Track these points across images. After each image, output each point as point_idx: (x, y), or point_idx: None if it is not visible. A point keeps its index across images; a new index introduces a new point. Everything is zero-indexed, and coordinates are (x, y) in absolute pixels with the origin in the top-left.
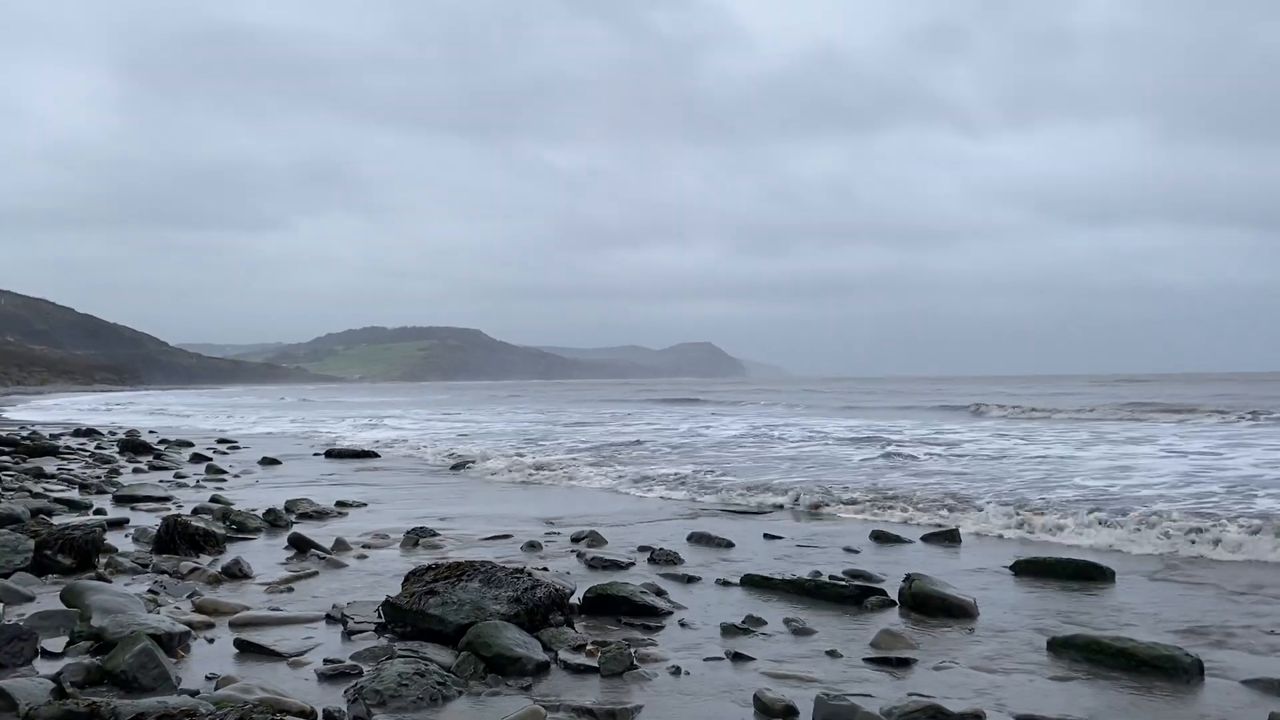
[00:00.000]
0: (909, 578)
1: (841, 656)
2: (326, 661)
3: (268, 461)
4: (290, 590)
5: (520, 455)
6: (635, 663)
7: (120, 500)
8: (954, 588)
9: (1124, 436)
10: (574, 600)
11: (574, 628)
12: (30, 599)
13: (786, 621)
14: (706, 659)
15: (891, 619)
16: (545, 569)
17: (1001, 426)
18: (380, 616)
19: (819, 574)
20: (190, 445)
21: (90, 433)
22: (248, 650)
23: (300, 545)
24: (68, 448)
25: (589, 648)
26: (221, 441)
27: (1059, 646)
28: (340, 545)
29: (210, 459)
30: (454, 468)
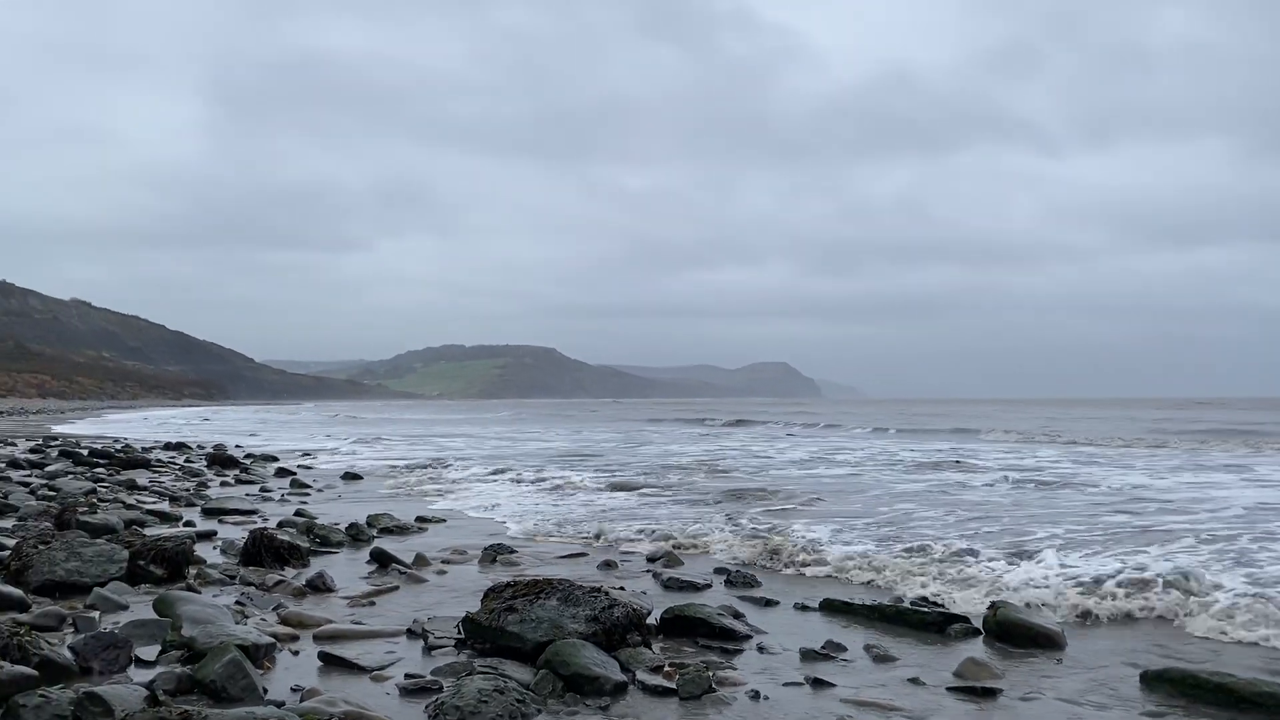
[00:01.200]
0: (993, 605)
1: (924, 685)
2: (408, 676)
3: (349, 476)
4: (372, 604)
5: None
6: (714, 686)
7: (208, 513)
8: (1041, 616)
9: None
10: (651, 621)
11: (651, 648)
12: (124, 608)
13: (867, 648)
14: (786, 684)
15: (975, 648)
16: (622, 589)
17: (1110, 455)
18: (460, 632)
19: (900, 599)
20: (275, 460)
21: (180, 446)
22: (331, 663)
23: (381, 560)
24: (158, 461)
25: (667, 669)
26: (305, 456)
27: (1152, 680)
28: (420, 560)
29: (294, 473)
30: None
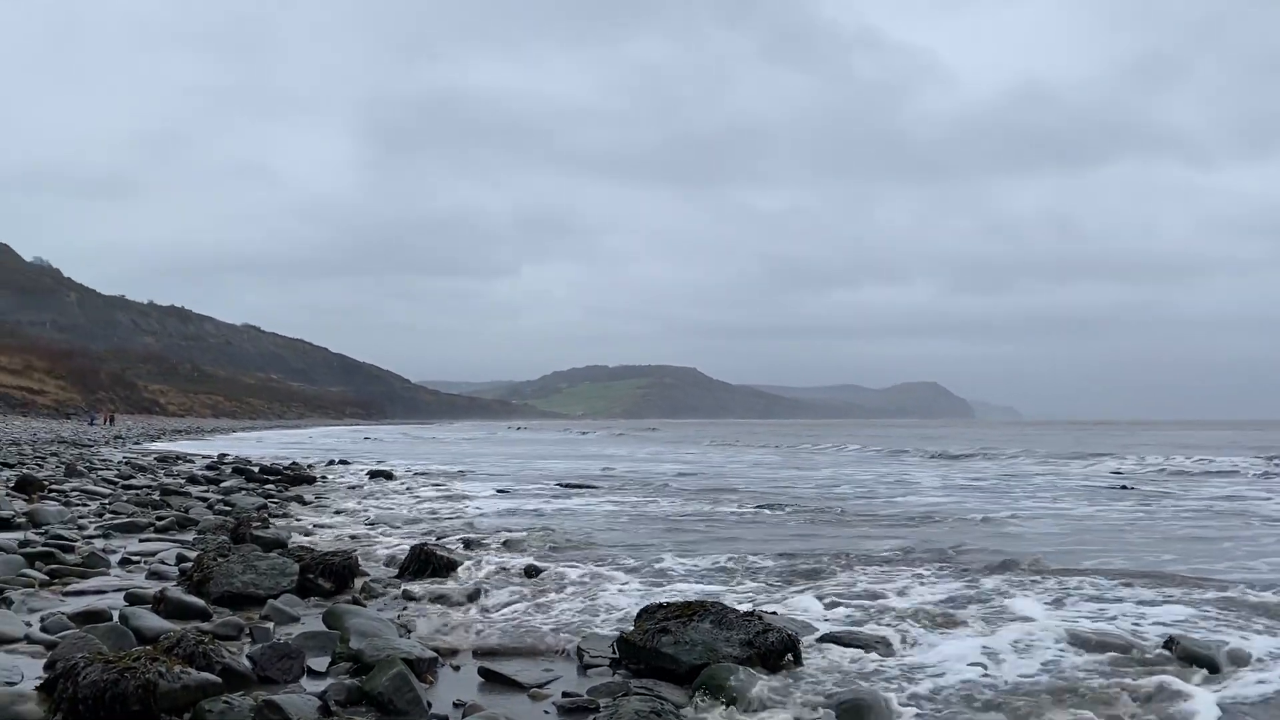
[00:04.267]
0: None
1: None
2: (565, 695)
3: (502, 491)
4: (530, 619)
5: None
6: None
7: (372, 525)
8: None
9: None
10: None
11: None
12: (296, 619)
13: None
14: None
15: None
16: (775, 613)
17: None
18: (614, 652)
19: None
20: (429, 475)
21: (343, 462)
22: (490, 679)
23: (535, 572)
24: (323, 477)
25: None
26: (461, 471)
27: None
28: (574, 575)
29: (449, 487)
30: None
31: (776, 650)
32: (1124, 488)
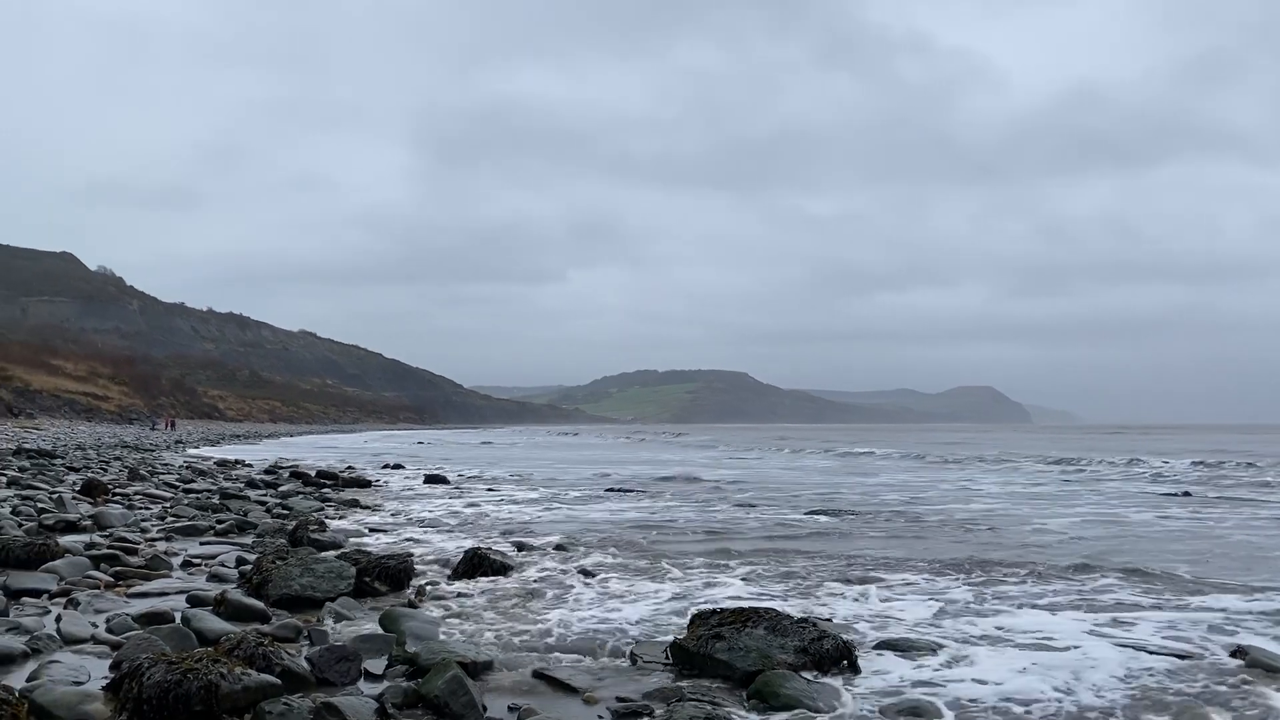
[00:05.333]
0: None
1: None
2: (619, 699)
3: (554, 495)
4: (583, 622)
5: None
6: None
7: (426, 528)
8: None
9: None
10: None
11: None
12: (353, 622)
13: None
14: None
15: None
16: (829, 619)
17: None
18: (667, 657)
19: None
20: (481, 478)
21: (397, 466)
22: (545, 681)
23: (588, 575)
24: (378, 481)
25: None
26: (513, 475)
27: None
28: (625, 579)
29: (501, 490)
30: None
31: (831, 657)
32: (1184, 494)
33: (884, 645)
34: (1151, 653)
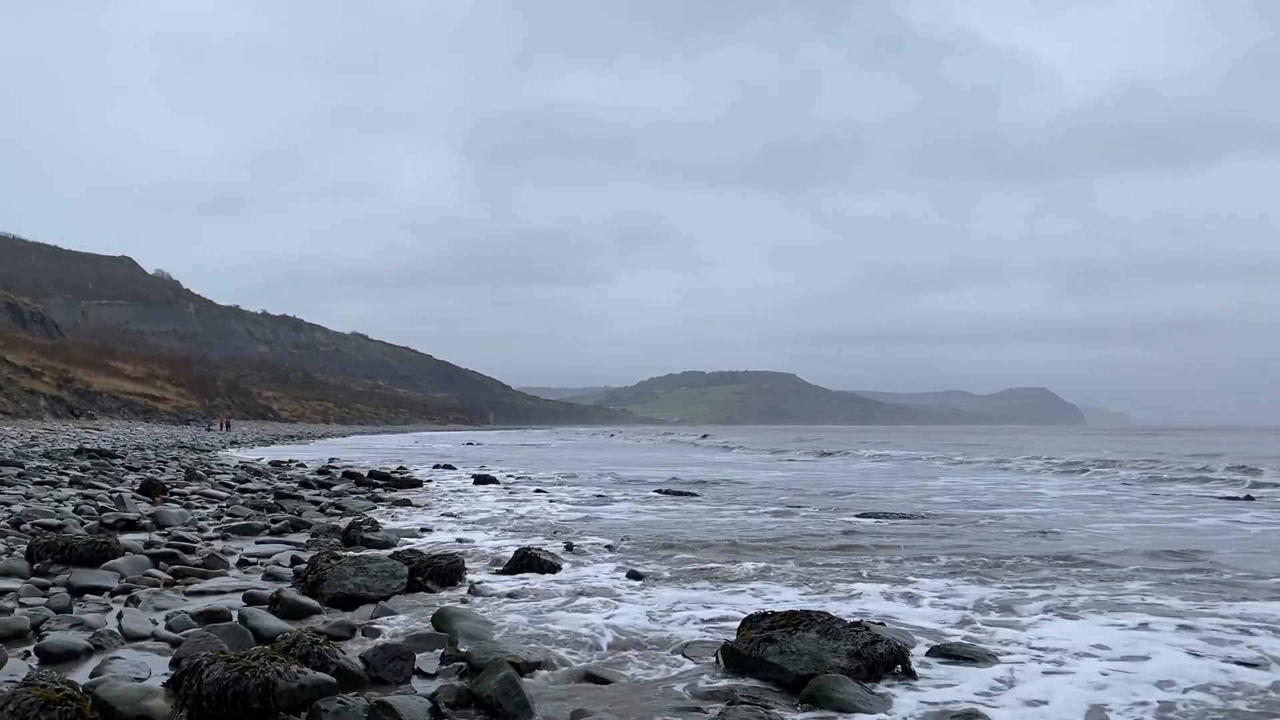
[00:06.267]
0: None
1: None
2: (671, 701)
3: (602, 497)
4: (633, 624)
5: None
6: None
7: (476, 528)
8: None
9: None
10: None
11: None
12: (405, 621)
13: None
14: None
15: None
16: (882, 623)
17: None
18: (718, 659)
19: None
20: (531, 479)
21: (447, 467)
22: (595, 682)
23: (638, 577)
24: (429, 481)
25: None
26: (562, 476)
27: None
28: (675, 581)
29: (551, 491)
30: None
31: (885, 662)
32: (1246, 498)
33: (938, 651)
34: (1243, 664)
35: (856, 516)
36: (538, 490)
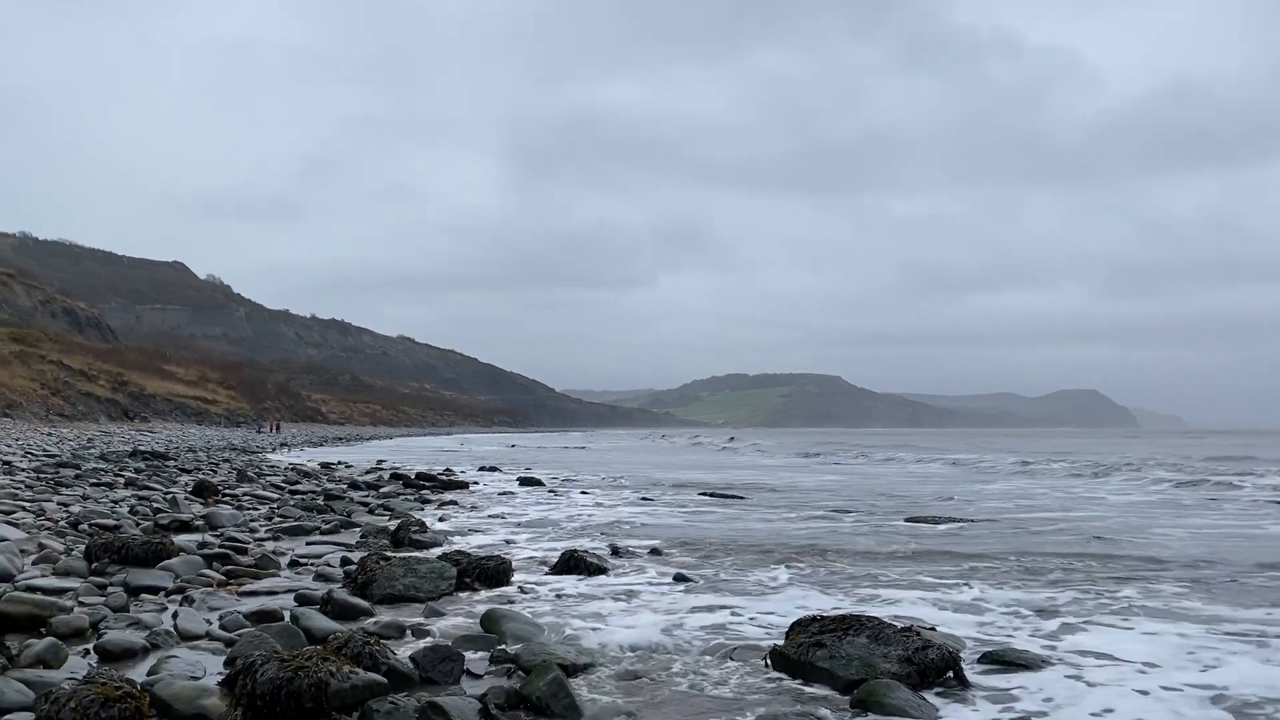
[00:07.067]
0: None
1: None
2: (719, 705)
3: (647, 499)
4: (680, 627)
5: None
6: None
7: (522, 530)
8: None
9: None
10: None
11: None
12: (454, 622)
13: None
14: None
15: None
16: (933, 629)
17: None
18: (767, 664)
19: None
20: (575, 481)
21: (493, 469)
22: (642, 684)
23: (684, 580)
24: (475, 483)
25: None
26: (607, 478)
27: None
28: (721, 584)
29: (595, 493)
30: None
31: (936, 668)
32: None
33: (990, 658)
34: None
35: (905, 521)
36: (582, 493)
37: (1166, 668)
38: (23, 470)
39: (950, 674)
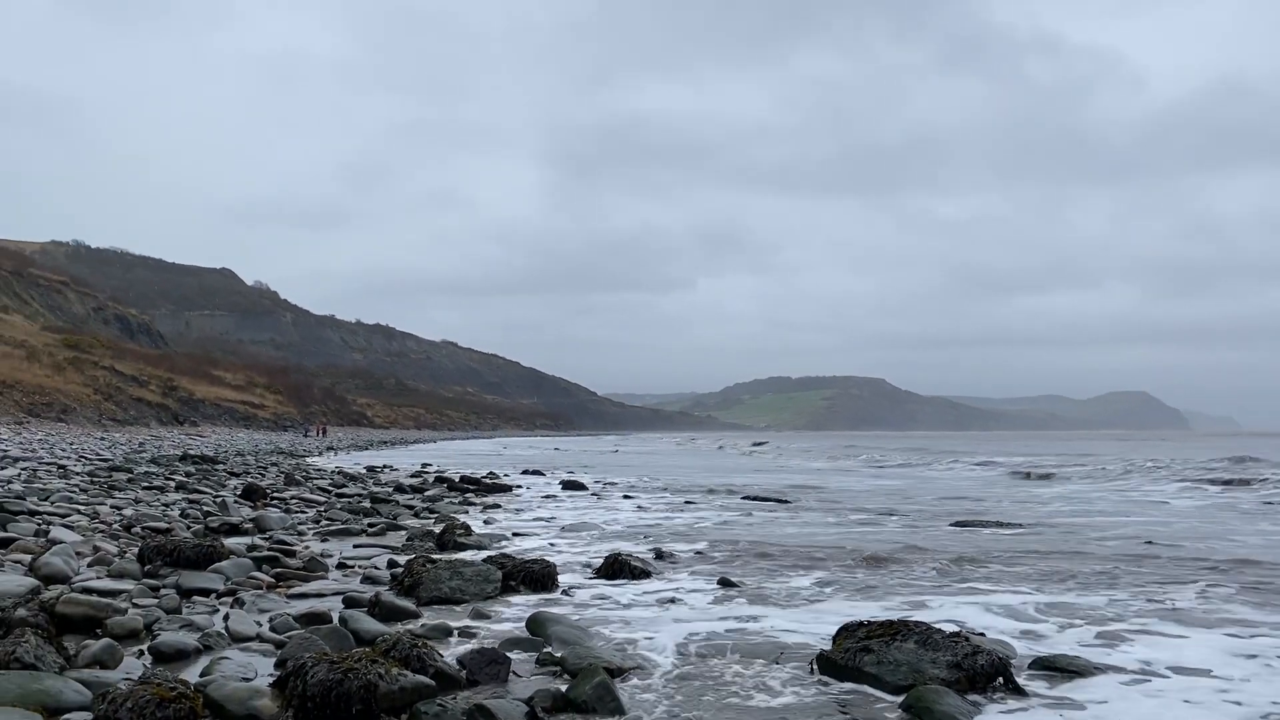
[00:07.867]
0: None
1: None
2: (765, 709)
3: (690, 503)
4: (725, 631)
5: None
6: None
7: (566, 533)
8: None
9: None
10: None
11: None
12: (500, 625)
13: None
14: None
15: None
16: (981, 634)
17: None
18: (813, 669)
19: None
20: (618, 485)
21: (536, 472)
22: (690, 688)
23: (729, 584)
24: (519, 486)
25: None
26: (650, 482)
27: None
28: (765, 589)
29: (638, 497)
30: None
31: (986, 674)
32: None
33: (1041, 664)
34: None
35: (950, 525)
36: (625, 496)
37: (1224, 677)
38: (77, 474)
39: (1000, 680)
